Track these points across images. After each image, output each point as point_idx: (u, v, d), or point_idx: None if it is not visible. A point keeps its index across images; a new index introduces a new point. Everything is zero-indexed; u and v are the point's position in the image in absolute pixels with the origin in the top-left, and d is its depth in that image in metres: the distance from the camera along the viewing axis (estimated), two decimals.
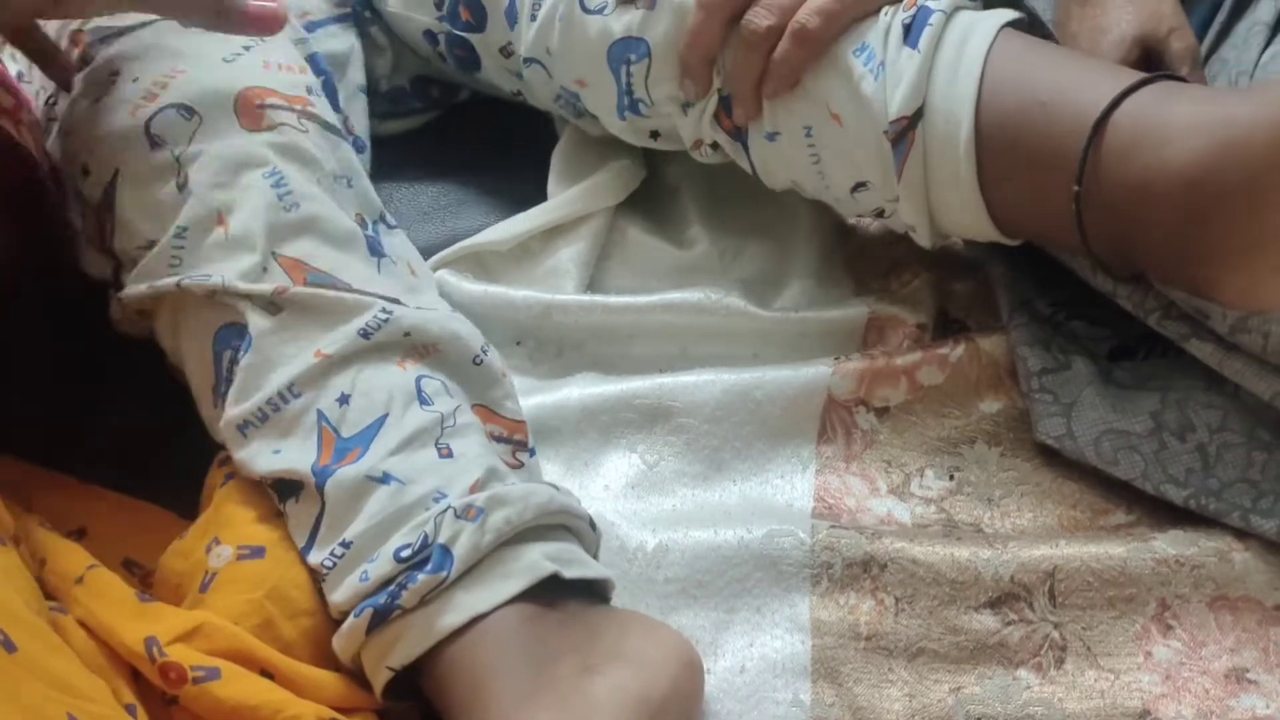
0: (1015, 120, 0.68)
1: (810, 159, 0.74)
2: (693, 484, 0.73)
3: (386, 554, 0.61)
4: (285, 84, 0.71)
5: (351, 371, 0.65)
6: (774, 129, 0.74)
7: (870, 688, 0.66)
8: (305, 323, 0.66)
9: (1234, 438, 0.70)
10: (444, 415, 0.65)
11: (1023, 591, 0.67)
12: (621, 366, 0.78)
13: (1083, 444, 0.71)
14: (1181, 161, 0.64)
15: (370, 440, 0.64)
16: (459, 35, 0.82)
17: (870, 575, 0.68)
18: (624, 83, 0.76)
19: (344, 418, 0.64)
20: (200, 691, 0.58)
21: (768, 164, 0.76)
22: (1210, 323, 0.69)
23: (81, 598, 0.61)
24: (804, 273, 0.82)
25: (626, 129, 0.80)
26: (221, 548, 0.64)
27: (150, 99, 0.69)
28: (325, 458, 0.64)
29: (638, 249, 0.83)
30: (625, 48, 0.75)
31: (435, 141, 0.89)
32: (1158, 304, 0.71)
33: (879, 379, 0.75)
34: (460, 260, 0.81)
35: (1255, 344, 0.67)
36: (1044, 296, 0.76)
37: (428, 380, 0.66)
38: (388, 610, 0.60)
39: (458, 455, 0.65)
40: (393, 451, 0.64)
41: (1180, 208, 0.64)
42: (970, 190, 0.70)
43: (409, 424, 0.64)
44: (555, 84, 0.80)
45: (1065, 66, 0.69)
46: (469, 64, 0.84)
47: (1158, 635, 0.67)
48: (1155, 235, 0.66)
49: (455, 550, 0.61)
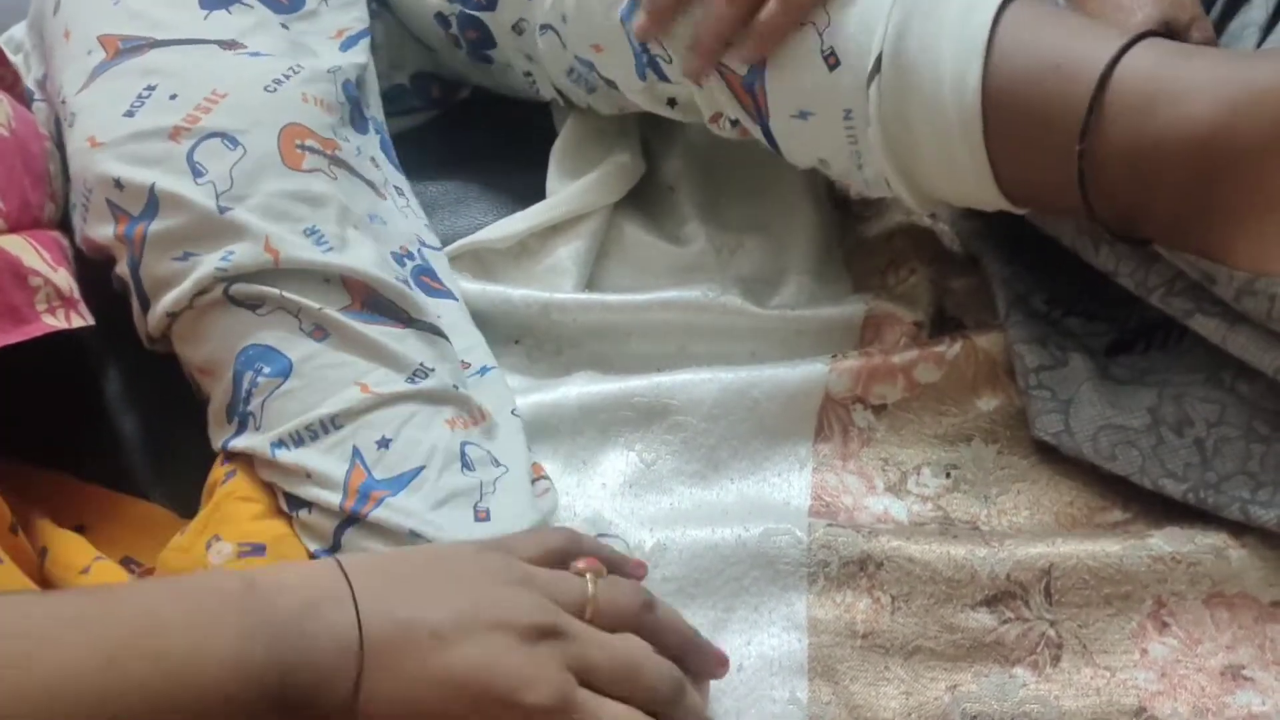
0: (1023, 81, 0.67)
1: (849, 140, 0.72)
2: (690, 482, 0.73)
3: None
4: (320, 124, 0.71)
5: (399, 415, 0.65)
6: (808, 108, 0.72)
7: (867, 686, 0.66)
8: (349, 353, 0.66)
9: (1231, 431, 0.70)
10: (483, 483, 0.65)
11: (1019, 589, 0.67)
12: (620, 365, 0.78)
13: (1080, 440, 0.71)
14: (1195, 119, 0.64)
15: (401, 487, 0.64)
16: (471, 15, 0.82)
17: (867, 573, 0.68)
18: (641, 45, 0.75)
19: (380, 460, 0.64)
20: None
21: (792, 141, 0.74)
22: (1216, 288, 0.68)
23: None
24: (801, 270, 0.82)
25: (645, 92, 0.78)
26: (222, 544, 0.64)
27: (192, 122, 0.68)
28: (350, 500, 0.64)
29: (636, 247, 0.83)
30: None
31: (434, 140, 0.89)
32: (1160, 280, 0.70)
33: (876, 377, 0.75)
34: (459, 258, 0.81)
35: (1261, 308, 0.66)
36: (1040, 293, 0.76)
37: (473, 448, 0.67)
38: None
39: (495, 520, 0.65)
40: (429, 509, 0.64)
41: (1193, 167, 0.64)
42: (978, 154, 0.68)
43: (446, 484, 0.65)
44: (569, 54, 0.79)
45: (1074, 27, 0.68)
46: (483, 45, 0.84)
47: (1154, 632, 0.67)
48: (1166, 195, 0.65)
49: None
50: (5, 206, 0.68)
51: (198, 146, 0.67)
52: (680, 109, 0.79)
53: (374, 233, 0.70)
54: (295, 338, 0.66)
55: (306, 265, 0.66)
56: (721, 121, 0.76)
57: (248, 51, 0.71)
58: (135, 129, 0.68)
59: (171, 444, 0.72)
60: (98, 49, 0.71)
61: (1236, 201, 0.64)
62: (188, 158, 0.67)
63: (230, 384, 0.67)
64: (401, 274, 0.71)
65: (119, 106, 0.69)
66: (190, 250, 0.67)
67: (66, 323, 0.67)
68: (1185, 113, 0.64)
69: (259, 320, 0.66)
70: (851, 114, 0.71)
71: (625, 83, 0.78)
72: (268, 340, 0.66)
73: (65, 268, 0.69)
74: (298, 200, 0.68)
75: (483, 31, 0.83)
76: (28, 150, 0.72)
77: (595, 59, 0.78)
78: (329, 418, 0.65)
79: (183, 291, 0.66)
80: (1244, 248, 0.65)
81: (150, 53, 0.70)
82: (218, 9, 0.72)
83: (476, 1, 0.81)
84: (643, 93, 0.78)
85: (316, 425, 0.65)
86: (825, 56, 0.70)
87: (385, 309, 0.68)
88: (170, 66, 0.70)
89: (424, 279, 0.73)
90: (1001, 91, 0.67)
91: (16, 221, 0.69)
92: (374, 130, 0.78)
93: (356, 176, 0.72)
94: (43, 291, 0.66)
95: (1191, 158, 0.64)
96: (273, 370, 0.66)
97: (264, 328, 0.66)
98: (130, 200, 0.67)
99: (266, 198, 0.67)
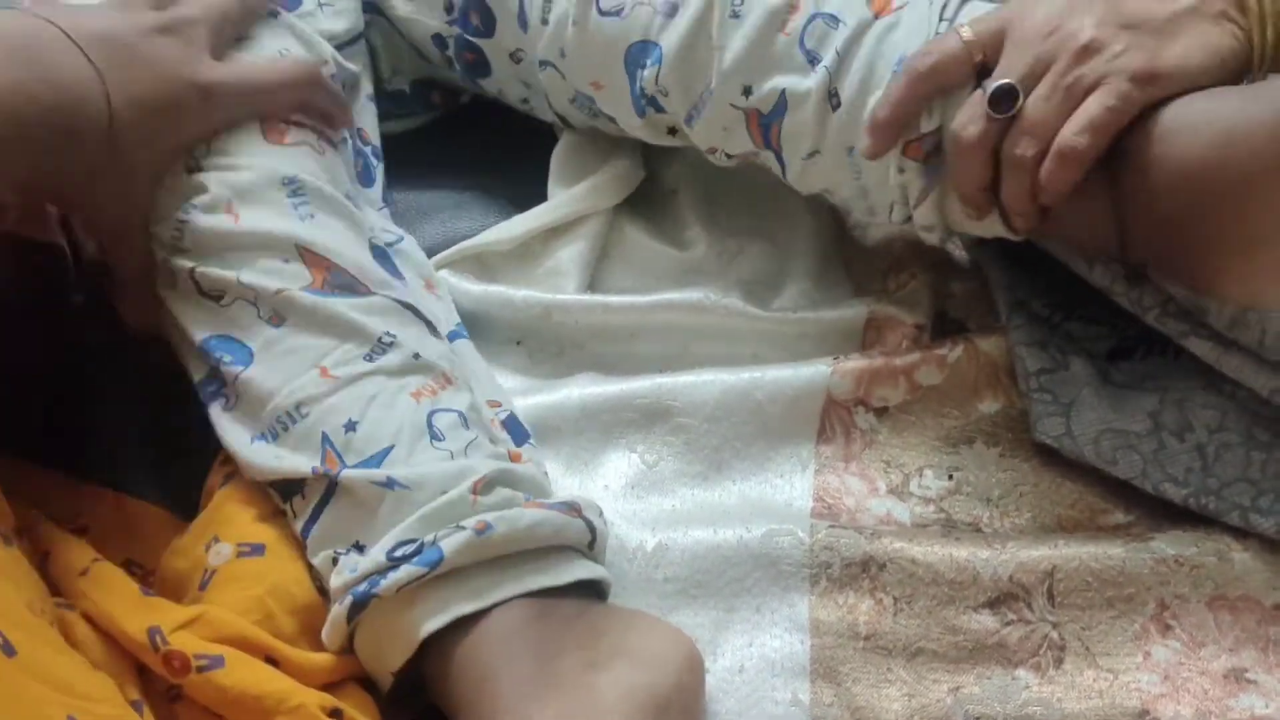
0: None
1: (853, 175, 0.74)
2: (692, 484, 0.73)
3: (379, 550, 0.62)
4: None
5: (361, 396, 0.65)
6: (815, 148, 0.74)
7: (869, 688, 0.66)
8: (309, 335, 0.66)
9: (1232, 438, 0.70)
10: (453, 452, 0.65)
11: (1021, 591, 0.67)
12: (622, 366, 0.78)
13: (1082, 443, 0.71)
14: (1182, 155, 0.64)
15: (375, 466, 0.64)
16: (468, 40, 0.82)
17: (869, 575, 0.68)
18: (638, 85, 0.77)
19: (349, 445, 0.64)
20: (204, 680, 0.59)
21: (805, 175, 0.76)
22: (1208, 319, 0.69)
23: (86, 589, 0.62)
24: (803, 273, 0.82)
25: (645, 127, 0.80)
26: (221, 545, 0.64)
27: None
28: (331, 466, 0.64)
29: (637, 250, 0.84)
30: (642, 51, 0.75)
31: (436, 142, 0.89)
32: (1155, 301, 0.71)
33: (878, 379, 0.75)
34: (461, 261, 0.81)
35: (1252, 339, 0.67)
36: (1041, 298, 0.76)
37: (442, 414, 0.66)
38: (365, 599, 0.61)
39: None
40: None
41: (1180, 201, 0.65)
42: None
43: (417, 460, 0.64)
44: (570, 87, 0.80)
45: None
46: (478, 70, 0.84)
47: (1156, 635, 0.67)
48: (1155, 227, 0.66)
49: (446, 550, 0.61)
50: None
51: None
52: (682, 136, 0.80)
53: (354, 205, 0.71)
54: (255, 325, 0.66)
55: (265, 236, 0.67)
56: (718, 155, 0.78)
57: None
58: None
59: (172, 445, 0.72)
60: None
61: (1226, 234, 0.65)
62: None
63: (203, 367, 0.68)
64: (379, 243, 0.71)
65: None
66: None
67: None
68: (1172, 149, 0.64)
69: (222, 311, 0.66)
70: (854, 151, 0.72)
71: (625, 120, 0.80)
72: (230, 331, 0.66)
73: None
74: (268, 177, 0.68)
75: (480, 56, 0.83)
76: None
77: (595, 95, 0.79)
78: (294, 406, 0.64)
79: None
80: (1231, 282, 0.66)
81: None
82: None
83: (475, 27, 0.82)
84: (642, 128, 0.80)
85: (284, 415, 0.65)
86: (830, 99, 0.72)
87: (348, 285, 0.67)
88: None
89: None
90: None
91: None
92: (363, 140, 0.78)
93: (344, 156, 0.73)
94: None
95: (1179, 193, 0.65)
96: (234, 359, 0.66)
97: (226, 318, 0.66)
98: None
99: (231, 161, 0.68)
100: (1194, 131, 0.64)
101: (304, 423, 0.64)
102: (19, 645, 0.52)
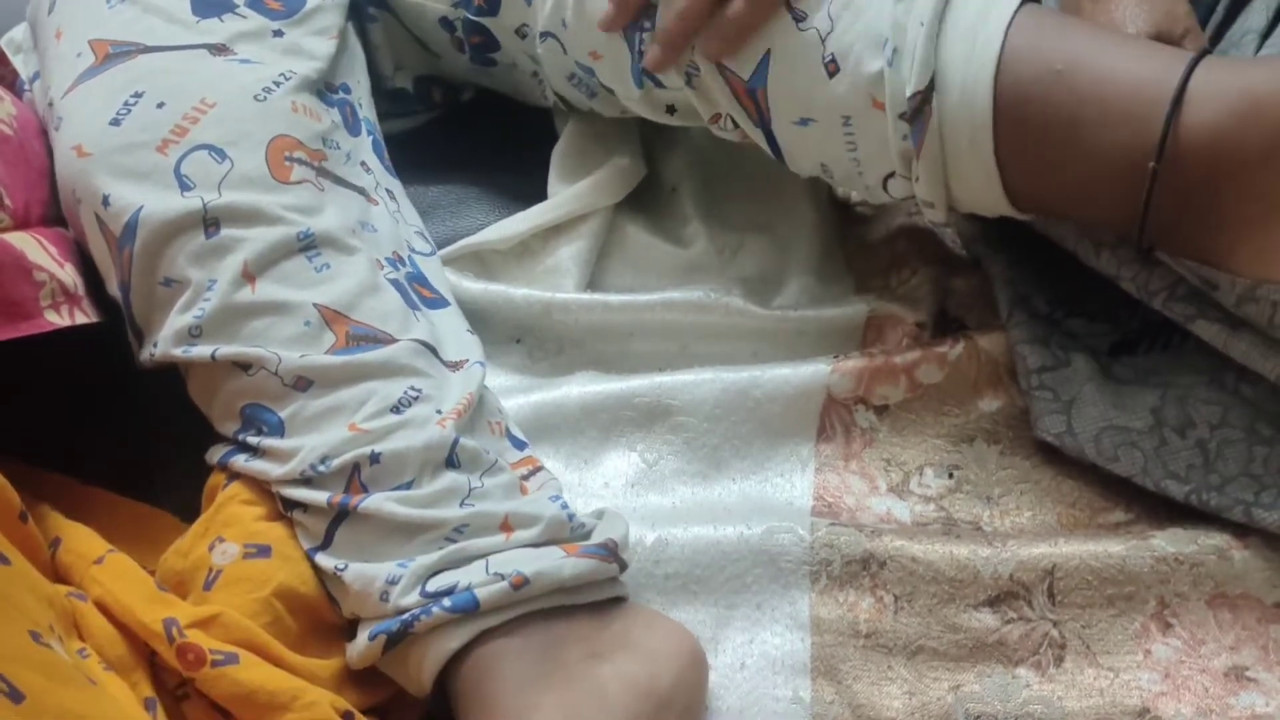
0: (1034, 90, 0.67)
1: (847, 147, 0.72)
2: (692, 482, 0.73)
3: (411, 580, 0.63)
4: (309, 134, 0.71)
5: (386, 437, 0.65)
6: (808, 115, 0.73)
7: (870, 685, 0.66)
8: (335, 395, 0.66)
9: (1234, 433, 0.70)
10: (469, 480, 0.66)
11: (1022, 590, 0.67)
12: (621, 365, 0.78)
13: (1083, 440, 0.71)
14: (1198, 127, 0.64)
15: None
16: (474, 20, 0.82)
17: (869, 573, 0.68)
18: (638, 51, 0.75)
19: (374, 477, 0.65)
20: (219, 674, 0.59)
21: (795, 148, 0.75)
22: (1218, 294, 0.68)
23: (101, 578, 0.62)
24: (803, 271, 0.82)
25: (643, 100, 0.79)
26: (227, 545, 0.64)
27: (180, 133, 0.68)
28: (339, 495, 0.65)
29: (637, 247, 0.84)
30: (644, 16, 0.74)
31: (436, 140, 0.89)
32: (1162, 284, 0.70)
33: (878, 377, 0.75)
34: (461, 258, 0.81)
35: (1263, 315, 0.66)
36: (1042, 294, 0.76)
37: (465, 442, 0.66)
38: (401, 635, 0.62)
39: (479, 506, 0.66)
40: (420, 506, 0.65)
41: (1195, 173, 0.64)
42: (986, 161, 0.69)
43: (437, 486, 0.65)
44: (570, 59, 0.80)
45: (1087, 37, 0.69)
46: (487, 49, 0.84)
47: (1157, 633, 0.67)
48: (1174, 195, 0.66)
49: (482, 599, 0.62)
50: (11, 203, 0.68)
51: (185, 159, 0.67)
52: (680, 114, 0.79)
53: (365, 240, 0.70)
54: (282, 395, 0.66)
55: (283, 303, 0.66)
56: (723, 121, 0.76)
57: (238, 58, 0.71)
58: (123, 140, 0.68)
59: (172, 446, 0.72)
60: (87, 52, 0.71)
61: (1238, 208, 0.64)
62: (175, 170, 0.67)
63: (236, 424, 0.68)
64: (395, 275, 0.71)
65: (105, 114, 0.68)
66: (171, 276, 0.67)
67: (70, 319, 0.67)
68: (1187, 120, 0.64)
69: (251, 381, 0.66)
70: (851, 121, 0.71)
71: (624, 91, 0.79)
72: (261, 400, 0.66)
73: (72, 264, 0.69)
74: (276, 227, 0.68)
75: (487, 36, 0.83)
76: (30, 147, 0.72)
77: (595, 65, 0.79)
78: (319, 459, 0.65)
79: (165, 342, 0.67)
80: (1245, 254, 0.65)
81: (139, 58, 0.70)
82: (210, 16, 0.72)
83: (478, 7, 0.82)
84: (641, 100, 0.79)
85: (309, 470, 0.65)
86: (826, 64, 0.70)
87: (369, 336, 0.67)
88: (158, 73, 0.70)
89: (416, 287, 0.73)
90: (1013, 99, 0.67)
91: (23, 218, 0.69)
92: (366, 132, 0.78)
93: (346, 186, 0.72)
94: (47, 287, 0.66)
95: (1193, 165, 0.64)
96: (267, 428, 0.66)
97: (257, 388, 0.66)
98: (114, 219, 0.67)
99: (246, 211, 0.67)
100: (1219, 99, 0.64)
101: (333, 463, 0.65)
102: (26, 688, 0.51)
